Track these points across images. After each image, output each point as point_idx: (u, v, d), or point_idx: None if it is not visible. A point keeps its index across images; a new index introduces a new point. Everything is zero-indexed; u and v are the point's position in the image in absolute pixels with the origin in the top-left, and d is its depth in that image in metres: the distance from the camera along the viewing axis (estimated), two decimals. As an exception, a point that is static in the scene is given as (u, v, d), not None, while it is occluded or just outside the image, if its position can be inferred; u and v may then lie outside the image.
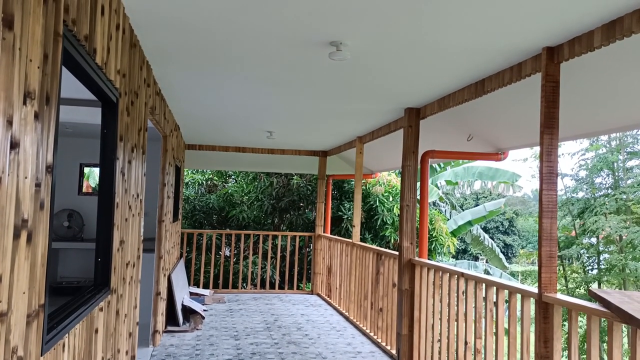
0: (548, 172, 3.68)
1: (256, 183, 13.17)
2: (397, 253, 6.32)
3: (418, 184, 6.16)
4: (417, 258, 6.07)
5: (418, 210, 6.15)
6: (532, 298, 3.87)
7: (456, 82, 4.86)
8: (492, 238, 27.13)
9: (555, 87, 3.65)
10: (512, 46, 3.77)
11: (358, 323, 8.03)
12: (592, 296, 3.27)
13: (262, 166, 11.69)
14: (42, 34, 1.72)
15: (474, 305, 4.79)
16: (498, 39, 3.65)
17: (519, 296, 4.14)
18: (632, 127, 6.17)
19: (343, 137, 8.92)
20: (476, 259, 29.01)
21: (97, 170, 7.19)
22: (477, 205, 30.74)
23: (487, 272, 16.60)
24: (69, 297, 2.63)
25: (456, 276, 5.08)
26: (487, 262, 20.35)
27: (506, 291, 4.33)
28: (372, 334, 7.35)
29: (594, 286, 18.28)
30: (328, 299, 10.05)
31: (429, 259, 7.72)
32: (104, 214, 3.01)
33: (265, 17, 3.43)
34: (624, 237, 16.91)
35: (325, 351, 6.61)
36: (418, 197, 6.15)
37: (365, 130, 7.96)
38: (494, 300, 4.54)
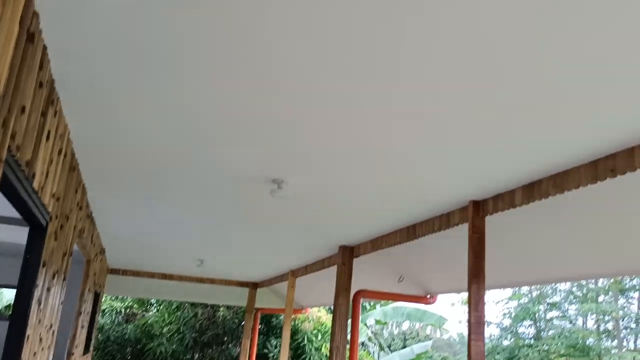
0: (476, 322, 3.75)
1: (179, 313, 12.49)
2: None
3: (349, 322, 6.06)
4: (345, 404, 5.77)
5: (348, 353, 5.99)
6: None
7: (390, 225, 5.06)
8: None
9: (481, 239, 3.86)
10: (442, 197, 4.02)
11: None
12: None
13: (188, 296, 11.17)
14: (-16, 159, 1.68)
15: None
16: (430, 190, 3.91)
17: None
18: (550, 281, 6.52)
19: (276, 269, 8.83)
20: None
21: (7, 290, 6.61)
22: (404, 346, 30.26)
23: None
24: None
25: None
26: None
27: None
28: None
29: None
30: None
31: (357, 405, 7.35)
32: (12, 347, 2.72)
33: (211, 153, 3.53)
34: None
35: None
36: (348, 338, 6.02)
37: (299, 264, 7.94)
38: None
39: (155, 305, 13.66)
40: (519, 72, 2.21)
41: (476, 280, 3.78)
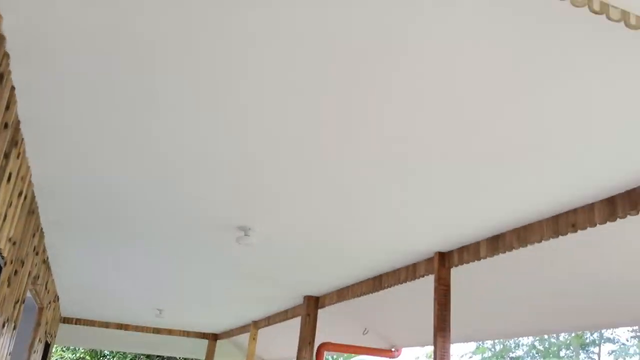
0: (443, 375, 3.71)
1: (133, 366, 11.94)
2: None
3: (312, 377, 5.89)
4: None
5: (311, 408, 5.80)
6: None
7: (356, 275, 5.03)
8: None
9: (447, 290, 3.87)
10: (408, 248, 4.04)
11: None
12: None
13: (144, 347, 10.72)
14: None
15: None
16: (396, 241, 3.93)
17: None
18: (515, 335, 6.55)
19: (238, 319, 8.58)
20: None
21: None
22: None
23: None
24: None
25: None
26: None
27: None
28: None
29: None
30: None
31: None
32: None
33: (177, 199, 3.47)
34: None
35: None
36: (312, 393, 5.84)
37: (262, 314, 7.75)
38: None
39: (108, 356, 13.02)
40: (487, 131, 2.29)
41: (442, 334, 3.76)
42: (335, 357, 14.84)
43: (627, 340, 17.41)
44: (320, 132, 2.44)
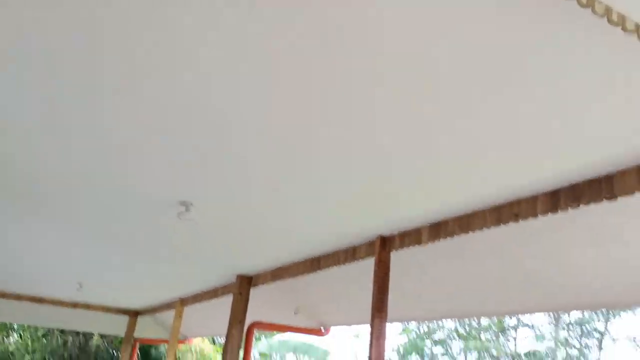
0: (377, 357, 3.78)
1: (45, 341, 11.35)
2: None
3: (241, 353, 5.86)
4: None
5: (238, 386, 5.76)
6: None
7: (293, 256, 5.01)
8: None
9: (387, 274, 3.93)
10: (350, 231, 4.06)
11: None
12: None
13: (60, 322, 10.19)
14: None
15: None
16: (339, 225, 3.95)
17: None
18: (438, 318, 6.81)
19: (163, 296, 8.34)
20: None
21: None
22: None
23: None
24: None
25: None
26: None
27: None
28: None
29: None
30: None
31: None
32: None
33: (112, 170, 3.29)
34: None
35: None
36: (239, 371, 5.80)
37: (190, 292, 7.58)
38: None
39: (18, 330, 12.30)
40: (435, 121, 2.32)
41: (379, 314, 3.83)
42: (258, 335, 14.84)
43: (542, 326, 18.82)
44: (270, 107, 2.38)
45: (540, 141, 2.41)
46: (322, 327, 6.48)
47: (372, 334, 3.85)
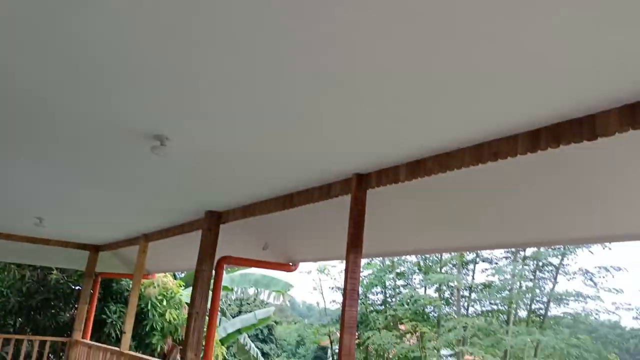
0: (351, 290, 3.88)
1: (3, 275, 11.14)
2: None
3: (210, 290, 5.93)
4: (202, 371, 5.67)
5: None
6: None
7: (265, 193, 4.99)
8: (253, 347, 27.10)
9: (362, 211, 3.98)
10: (325, 168, 4.05)
11: None
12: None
13: (17, 257, 9.99)
14: None
15: None
16: (313, 162, 3.92)
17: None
18: (402, 254, 7.02)
19: (126, 232, 8.26)
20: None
21: None
22: (240, 312, 30.75)
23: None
24: None
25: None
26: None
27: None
28: None
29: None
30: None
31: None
32: None
33: (84, 98, 3.12)
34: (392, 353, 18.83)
35: None
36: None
37: (155, 227, 7.52)
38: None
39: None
40: (416, 52, 2.27)
41: (355, 250, 3.90)
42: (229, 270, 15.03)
43: (499, 260, 19.88)
44: (233, 40, 2.28)
45: (521, 79, 2.40)
46: (290, 263, 6.59)
47: (347, 269, 3.94)
